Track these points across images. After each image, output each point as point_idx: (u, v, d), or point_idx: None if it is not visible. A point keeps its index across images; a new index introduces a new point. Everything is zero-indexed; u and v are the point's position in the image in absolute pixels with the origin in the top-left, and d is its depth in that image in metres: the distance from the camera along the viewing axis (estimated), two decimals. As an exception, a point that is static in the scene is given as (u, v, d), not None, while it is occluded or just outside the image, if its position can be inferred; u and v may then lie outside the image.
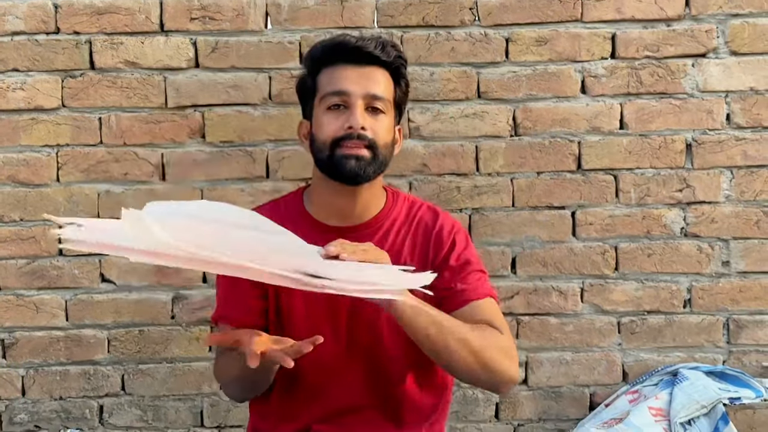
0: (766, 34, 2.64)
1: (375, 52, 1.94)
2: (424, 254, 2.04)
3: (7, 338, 2.65)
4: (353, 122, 1.90)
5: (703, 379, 2.51)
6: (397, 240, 2.02)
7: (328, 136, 1.92)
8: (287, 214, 2.05)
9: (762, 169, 2.65)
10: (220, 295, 2.10)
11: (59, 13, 2.60)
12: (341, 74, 1.93)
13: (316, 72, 1.98)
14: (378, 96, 1.93)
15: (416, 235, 2.05)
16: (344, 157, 1.90)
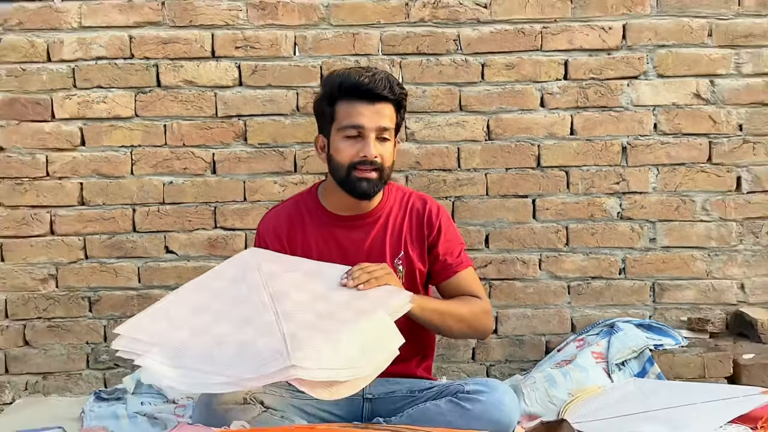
0: (685, 61, 2.81)
1: (384, 92, 2.07)
2: (420, 234, 2.22)
3: (92, 296, 2.84)
4: (368, 152, 2.06)
5: (634, 330, 2.71)
6: (396, 224, 2.21)
7: (346, 161, 2.09)
8: (306, 208, 2.23)
9: (681, 166, 2.84)
10: None
11: (133, 42, 2.80)
12: (357, 110, 2.06)
13: (333, 102, 2.11)
14: (386, 128, 2.09)
15: (411, 219, 2.23)
16: (358, 179, 2.08)
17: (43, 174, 2.86)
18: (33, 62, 2.84)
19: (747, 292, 2.92)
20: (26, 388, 2.90)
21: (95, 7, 2.82)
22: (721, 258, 2.90)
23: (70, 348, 2.90)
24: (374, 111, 2.08)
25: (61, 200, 2.87)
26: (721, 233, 2.89)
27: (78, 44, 2.83)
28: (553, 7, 2.84)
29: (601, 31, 2.84)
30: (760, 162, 2.88)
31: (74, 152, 2.86)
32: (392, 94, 2.09)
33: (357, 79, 2.08)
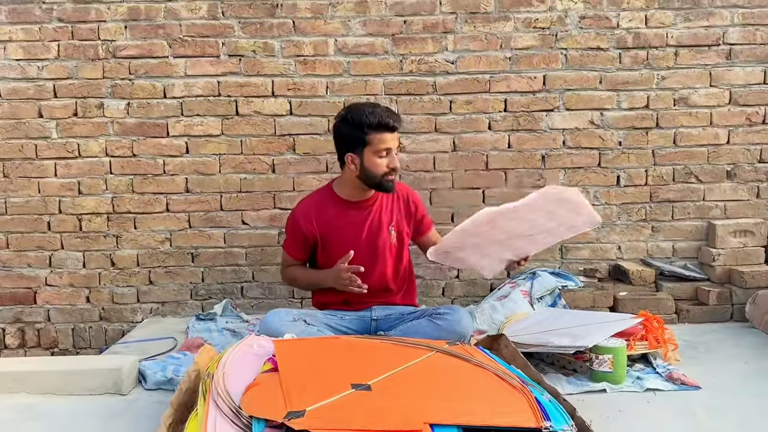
0: (584, 99, 2.81)
1: (397, 125, 2.16)
2: (408, 210, 2.31)
3: (194, 252, 2.88)
4: (395, 165, 2.16)
5: (549, 276, 2.77)
6: (388, 204, 2.27)
7: (381, 172, 2.15)
8: (326, 198, 2.28)
9: (580, 169, 2.84)
10: (287, 236, 2.33)
11: (220, 85, 2.81)
12: (386, 138, 2.12)
13: (365, 132, 2.11)
14: (397, 146, 2.23)
15: (400, 201, 2.30)
16: (388, 182, 2.17)
17: (161, 172, 2.89)
18: (154, 98, 2.85)
19: (622, 252, 2.93)
20: (151, 312, 2.94)
21: (195, 62, 2.84)
22: (606, 230, 2.91)
23: (179, 286, 2.93)
24: (393, 137, 2.16)
25: (173, 189, 2.89)
26: (606, 213, 2.90)
27: (184, 86, 2.85)
28: (497, 63, 2.84)
29: (528, 79, 2.85)
30: (633, 166, 2.89)
31: (182, 158, 2.88)
32: (399, 125, 2.19)
33: (385, 118, 2.13)
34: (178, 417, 1.51)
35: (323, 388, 1.42)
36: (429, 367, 1.62)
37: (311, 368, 1.55)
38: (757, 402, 1.85)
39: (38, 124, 2.85)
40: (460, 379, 1.57)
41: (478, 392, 1.49)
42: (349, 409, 1.34)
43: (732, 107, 2.85)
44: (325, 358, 1.68)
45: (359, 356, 1.72)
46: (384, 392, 1.44)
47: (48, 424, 1.77)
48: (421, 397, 1.42)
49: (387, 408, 1.34)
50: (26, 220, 2.89)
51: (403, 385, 1.49)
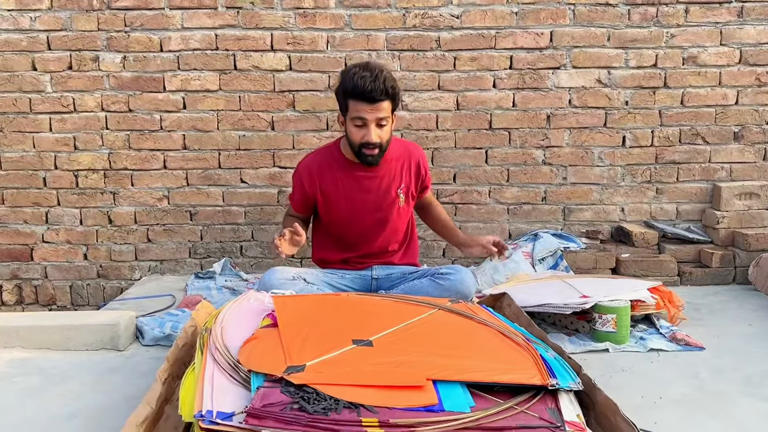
0: (591, 57, 2.73)
1: (380, 97, 1.94)
2: (417, 172, 2.19)
3: (192, 210, 2.82)
4: (369, 138, 1.98)
5: (551, 238, 2.72)
6: (398, 166, 2.15)
7: (355, 142, 2.01)
8: (332, 156, 2.17)
9: (586, 129, 2.78)
10: (293, 189, 2.22)
11: (218, 38, 2.72)
12: (361, 108, 1.96)
13: (346, 98, 1.99)
14: (381, 117, 1.98)
15: (409, 161, 2.17)
16: (365, 155, 2.02)
17: (158, 128, 2.81)
18: (151, 51, 2.76)
19: (625, 214, 2.88)
20: (149, 270, 2.89)
21: (192, 14, 2.74)
22: (609, 191, 2.86)
23: (177, 244, 2.88)
24: (373, 109, 1.97)
25: (171, 145, 2.82)
26: (610, 174, 2.84)
27: (181, 39, 2.75)
28: (503, 18, 2.74)
29: (535, 35, 2.76)
30: (639, 127, 2.82)
31: (179, 113, 2.80)
32: (386, 95, 1.96)
33: (362, 86, 1.93)
34: (174, 372, 1.47)
35: (323, 343, 1.37)
36: (432, 325, 1.57)
37: (311, 324, 1.50)
38: (762, 363, 1.81)
39: (32, 77, 2.76)
40: (463, 336, 1.52)
41: (482, 349, 1.44)
42: (349, 364, 1.29)
43: (742, 67, 2.77)
44: (325, 314, 1.63)
45: (360, 313, 1.66)
46: (386, 349, 1.39)
47: (43, 379, 1.72)
48: (424, 353, 1.37)
49: (388, 364, 1.30)
50: (21, 175, 2.82)
51: (405, 342, 1.44)
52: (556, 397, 1.24)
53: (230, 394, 1.20)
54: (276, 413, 1.08)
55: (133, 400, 1.52)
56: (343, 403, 1.13)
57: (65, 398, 1.60)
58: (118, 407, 1.53)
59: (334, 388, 1.16)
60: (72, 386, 1.68)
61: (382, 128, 2.00)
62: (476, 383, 1.25)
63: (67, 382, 1.70)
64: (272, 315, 1.56)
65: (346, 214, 2.10)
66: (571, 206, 2.86)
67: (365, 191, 2.14)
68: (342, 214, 2.10)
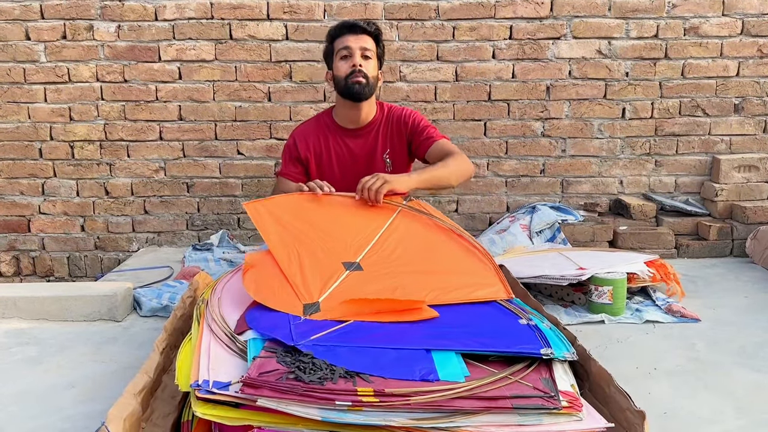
0: (592, 27, 2.69)
1: (363, 26, 2.04)
2: (399, 131, 2.14)
3: (189, 182, 2.81)
4: (355, 62, 2.02)
5: (549, 210, 2.72)
6: (383, 130, 2.14)
7: (343, 74, 2.03)
8: (324, 124, 2.17)
9: (585, 101, 2.75)
10: (283, 162, 2.19)
11: (213, 7, 2.68)
12: (345, 39, 2.04)
13: (332, 41, 2.08)
14: (367, 48, 2.04)
15: (392, 124, 2.14)
16: (352, 84, 2.02)
17: (154, 98, 2.78)
18: (145, 20, 2.71)
19: (624, 186, 2.87)
20: (146, 242, 2.89)
21: (187, -18, 2.68)
22: (608, 163, 2.84)
23: (174, 216, 2.87)
24: (357, 38, 2.05)
25: (166, 116, 2.79)
26: (610, 146, 2.82)
27: (176, 8, 2.71)
28: (503, -13, 2.69)
29: (535, 4, 2.72)
30: (639, 99, 2.79)
31: (174, 84, 2.77)
32: (369, 27, 2.07)
33: (345, 22, 2.09)
34: (171, 342, 1.47)
35: (319, 269, 1.56)
36: (403, 236, 1.75)
37: (296, 239, 1.66)
38: (757, 334, 1.82)
39: (26, 46, 2.72)
40: (432, 247, 1.74)
41: (450, 259, 1.69)
42: (353, 292, 1.47)
43: (744, 38, 2.73)
44: (303, 223, 1.76)
45: (336, 223, 1.80)
46: (374, 270, 1.60)
47: (40, 349, 1.73)
48: (409, 272, 1.61)
49: (386, 290, 1.50)
50: (17, 146, 2.80)
51: (387, 262, 1.65)
52: (550, 367, 1.24)
53: (226, 364, 1.20)
54: (272, 383, 1.09)
55: (130, 370, 1.53)
56: (339, 372, 1.13)
57: (63, 368, 1.61)
58: (116, 377, 1.54)
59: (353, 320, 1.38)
60: (70, 356, 1.68)
61: (367, 60, 2.05)
62: (471, 353, 1.25)
63: (65, 352, 1.71)
64: (269, 286, 1.56)
65: (339, 179, 2.08)
66: (569, 179, 2.85)
67: (355, 157, 2.15)
68: (335, 180, 2.07)
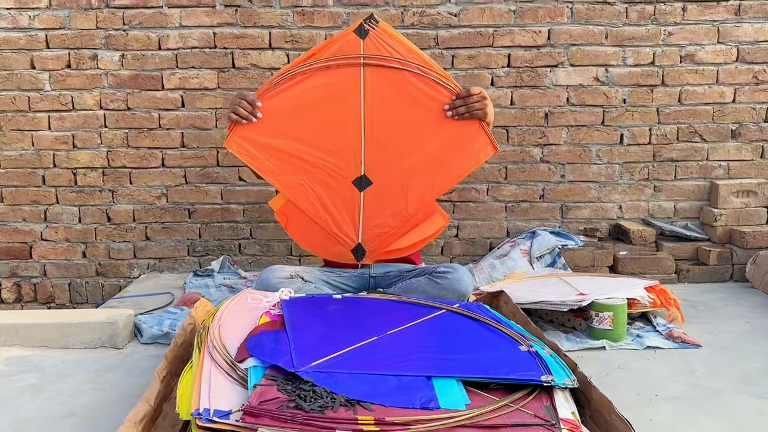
0: (589, 55, 2.73)
1: None
2: None
3: (190, 208, 2.82)
4: None
5: (549, 236, 2.72)
6: None
7: None
8: None
9: (584, 127, 2.77)
10: None
11: (216, 37, 2.72)
12: None
13: None
14: None
15: None
16: None
17: (157, 126, 2.80)
18: (149, 49, 2.76)
19: (623, 211, 2.88)
20: (148, 268, 2.90)
21: (190, 12, 2.74)
22: (607, 188, 2.86)
23: (176, 242, 2.88)
24: None
25: (169, 143, 2.82)
26: (608, 172, 2.84)
27: (179, 37, 2.75)
28: (501, 16, 2.74)
29: (533, 33, 2.76)
30: (637, 125, 2.82)
31: (177, 111, 2.80)
32: None
33: None
34: (172, 370, 1.47)
35: (342, 205, 1.91)
36: (383, 115, 1.88)
37: (312, 186, 1.91)
38: (758, 360, 1.81)
39: (31, 75, 2.77)
40: (416, 124, 1.89)
41: (439, 134, 1.89)
42: (377, 218, 1.91)
43: (739, 65, 2.77)
44: (305, 161, 1.93)
45: (321, 130, 1.91)
46: (381, 180, 1.91)
47: (41, 376, 1.73)
48: (408, 170, 1.90)
49: (398, 208, 1.90)
50: (20, 173, 2.83)
51: (386, 161, 1.87)
52: (551, 395, 1.24)
53: (227, 392, 1.20)
54: (272, 411, 1.09)
55: (131, 398, 1.53)
56: (340, 400, 1.13)
57: (63, 396, 1.61)
58: (117, 405, 1.54)
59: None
60: (70, 384, 1.68)
61: None
62: (472, 380, 1.26)
63: (66, 380, 1.71)
64: (269, 313, 1.57)
65: None
66: (569, 204, 2.86)
67: None
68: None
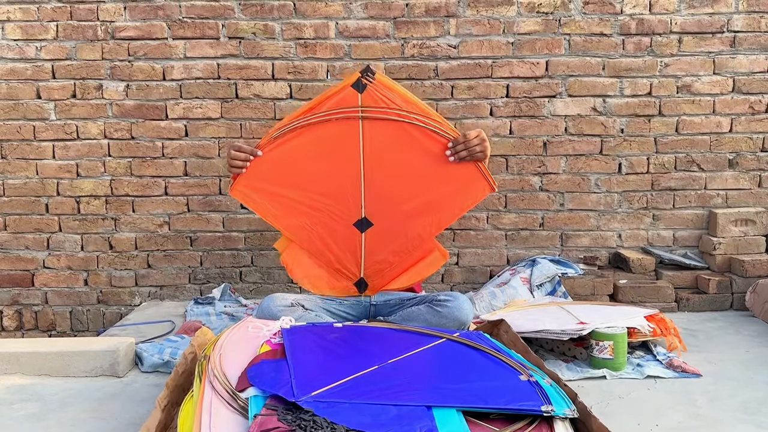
0: (586, 86, 2.77)
1: None
2: None
3: (192, 236, 2.84)
4: None
5: (549, 264, 2.72)
6: None
7: None
8: None
9: (582, 156, 2.80)
10: None
11: (220, 68, 2.76)
12: None
13: None
14: None
15: None
16: None
17: (160, 155, 2.84)
18: (153, 80, 2.80)
19: (622, 240, 2.89)
20: (149, 296, 2.90)
21: (195, 44, 2.79)
22: (606, 217, 2.88)
23: (177, 269, 2.89)
24: None
25: (172, 172, 2.85)
26: (607, 201, 2.87)
27: (184, 68, 2.80)
28: (499, 48, 2.79)
29: (531, 64, 2.80)
30: (635, 154, 2.85)
31: (181, 141, 2.83)
32: None
33: None
34: (173, 399, 1.48)
35: (345, 245, 1.98)
36: (383, 161, 1.93)
37: (316, 228, 1.95)
38: (759, 389, 1.81)
39: (36, 105, 2.81)
40: (415, 169, 1.95)
41: (437, 176, 1.93)
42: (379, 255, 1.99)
43: (735, 95, 2.81)
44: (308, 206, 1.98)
45: (323, 176, 1.95)
46: (382, 221, 1.97)
47: (42, 406, 1.73)
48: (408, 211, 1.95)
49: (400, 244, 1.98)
50: (24, 201, 2.85)
51: (387, 204, 1.92)
52: (551, 425, 1.25)
53: (228, 422, 1.21)
54: (273, 441, 1.09)
55: (132, 427, 1.53)
56: (340, 430, 1.14)
57: (64, 425, 1.61)
58: (117, 434, 1.54)
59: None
60: (71, 413, 1.68)
61: None
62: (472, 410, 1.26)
63: (66, 409, 1.71)
64: (270, 341, 1.58)
65: None
66: (568, 232, 2.88)
67: None
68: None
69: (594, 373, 1.92)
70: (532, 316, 2.18)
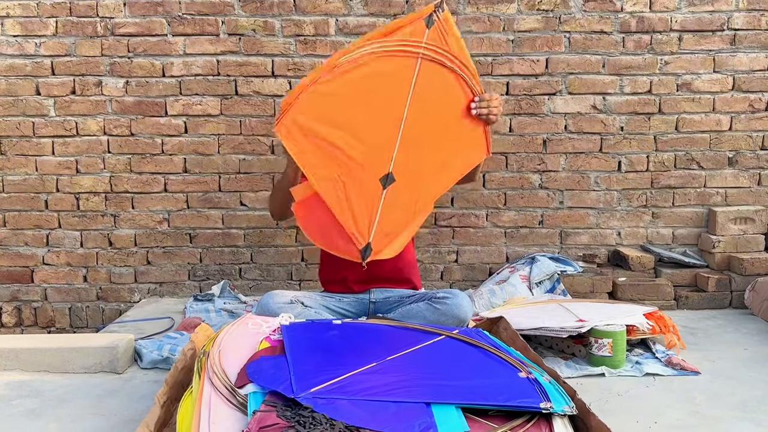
0: (586, 84, 2.76)
1: None
2: None
3: (192, 233, 2.84)
4: None
5: (548, 261, 2.73)
6: None
7: None
8: None
9: (582, 154, 2.80)
10: None
11: (219, 64, 2.76)
12: None
13: None
14: None
15: None
16: None
17: (160, 151, 2.83)
18: (153, 77, 2.80)
19: (622, 238, 2.89)
20: (148, 292, 2.90)
21: (194, 41, 2.78)
22: (605, 215, 2.88)
23: (177, 266, 2.89)
24: None
25: (172, 169, 2.84)
26: (607, 199, 2.87)
27: (183, 65, 2.79)
28: (500, 45, 2.78)
29: (531, 62, 2.80)
30: (635, 152, 2.85)
31: (180, 137, 2.83)
32: None
33: None
34: (173, 395, 1.48)
35: (365, 201, 1.86)
36: (422, 111, 1.87)
37: (345, 180, 1.84)
38: (758, 387, 1.82)
39: (36, 101, 2.80)
40: (445, 127, 1.93)
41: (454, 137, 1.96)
42: (389, 218, 1.85)
43: (735, 93, 2.81)
44: (345, 152, 1.87)
45: (367, 119, 1.87)
46: (403, 179, 1.88)
47: (41, 401, 1.73)
48: (424, 174, 1.90)
49: (408, 210, 1.86)
50: (23, 198, 2.85)
51: (412, 162, 1.86)
52: (550, 422, 1.25)
53: (227, 418, 1.21)
54: (272, 437, 1.10)
55: (131, 424, 1.53)
56: (339, 426, 1.14)
57: (63, 421, 1.61)
58: (117, 431, 1.54)
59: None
60: (70, 409, 1.68)
61: None
62: (471, 407, 1.26)
63: (65, 405, 1.71)
64: (269, 338, 1.58)
65: None
66: (567, 230, 2.88)
67: None
68: None
69: (593, 371, 1.92)
70: (532, 314, 2.19)
